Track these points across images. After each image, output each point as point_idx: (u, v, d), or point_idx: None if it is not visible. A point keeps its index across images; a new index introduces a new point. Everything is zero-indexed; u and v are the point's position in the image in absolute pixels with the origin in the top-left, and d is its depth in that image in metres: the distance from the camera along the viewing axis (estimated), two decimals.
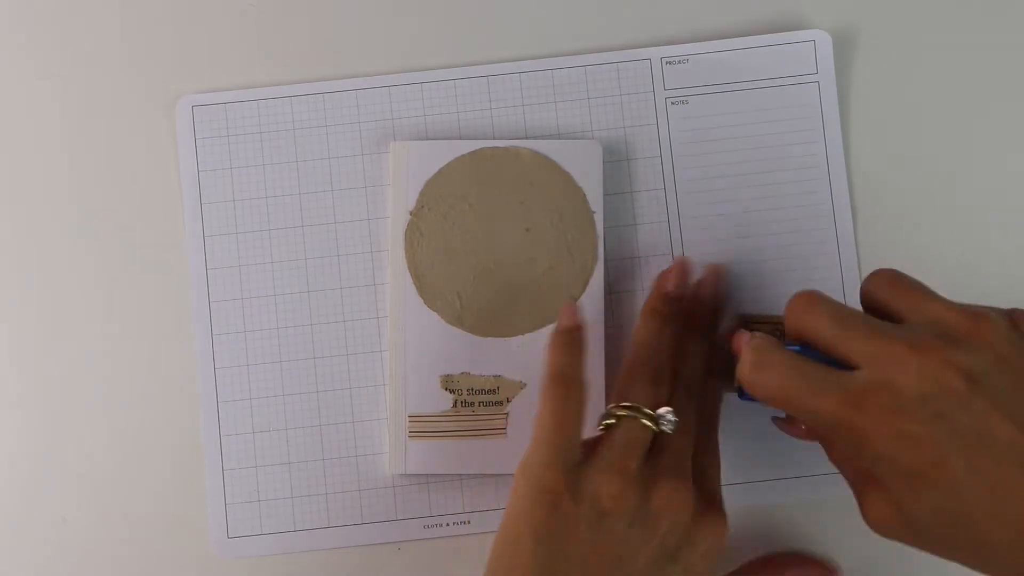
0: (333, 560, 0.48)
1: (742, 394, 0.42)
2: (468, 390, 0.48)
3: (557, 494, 0.39)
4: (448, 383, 0.48)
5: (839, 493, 0.42)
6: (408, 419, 0.48)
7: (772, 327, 0.47)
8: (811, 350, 0.39)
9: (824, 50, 0.50)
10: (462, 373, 0.48)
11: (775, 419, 0.44)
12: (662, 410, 0.41)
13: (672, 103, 0.50)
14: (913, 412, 0.35)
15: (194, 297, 0.49)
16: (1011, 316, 0.37)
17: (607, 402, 0.44)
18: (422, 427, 0.48)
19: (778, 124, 0.50)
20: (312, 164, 0.50)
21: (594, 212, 0.49)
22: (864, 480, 0.38)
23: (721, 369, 0.44)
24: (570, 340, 0.43)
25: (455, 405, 0.48)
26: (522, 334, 0.48)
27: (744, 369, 0.39)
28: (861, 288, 0.41)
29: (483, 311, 0.48)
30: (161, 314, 0.49)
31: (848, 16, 0.51)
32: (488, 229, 0.49)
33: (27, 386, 0.49)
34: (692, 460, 0.42)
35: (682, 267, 0.47)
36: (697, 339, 0.45)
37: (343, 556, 0.48)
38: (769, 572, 0.47)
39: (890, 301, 0.39)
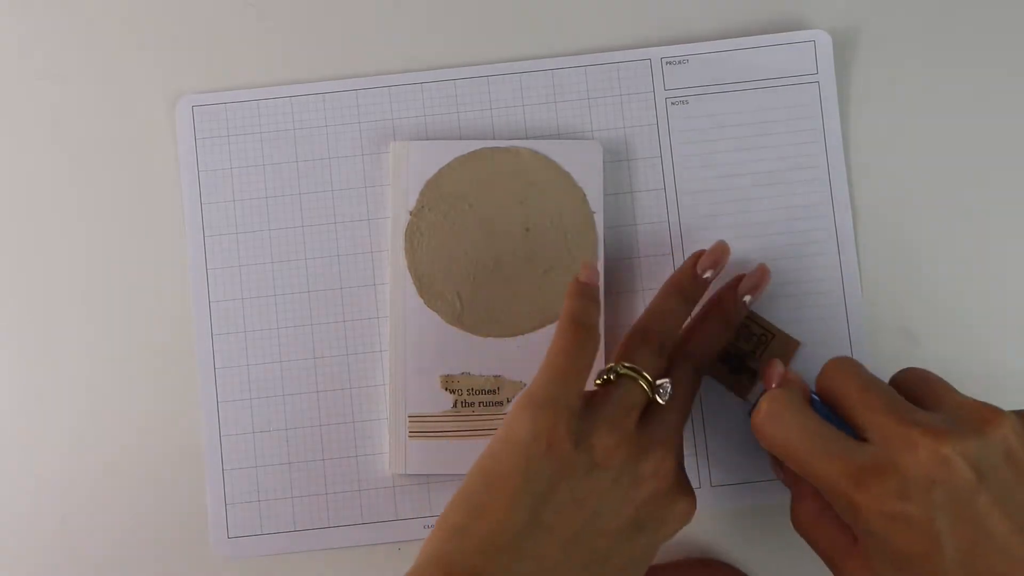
0: (333, 560, 0.48)
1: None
2: (468, 390, 0.48)
3: (556, 435, 0.38)
4: (448, 383, 0.48)
5: None
6: (408, 419, 0.48)
7: (762, 331, 0.47)
8: (833, 412, 0.40)
9: (824, 50, 0.50)
10: (462, 373, 0.48)
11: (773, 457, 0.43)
12: (661, 380, 0.41)
13: (672, 103, 0.50)
14: (916, 496, 0.35)
15: (194, 297, 0.49)
16: (1022, 416, 0.37)
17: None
18: (422, 427, 0.48)
19: (778, 124, 0.50)
20: (312, 164, 0.50)
21: (594, 212, 0.49)
22: (846, 546, 0.39)
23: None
24: (588, 292, 0.43)
25: (455, 405, 0.48)
26: (522, 334, 0.48)
27: (757, 416, 0.40)
28: (890, 379, 0.41)
29: (483, 311, 0.48)
30: (161, 314, 0.49)
31: (848, 16, 0.51)
32: (488, 229, 0.49)
33: (27, 386, 0.49)
34: None
35: (720, 252, 0.46)
36: (718, 323, 0.46)
37: (343, 556, 0.48)
38: (701, 573, 0.47)
39: (912, 392, 0.39)
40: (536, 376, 0.40)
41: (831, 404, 0.40)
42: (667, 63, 0.50)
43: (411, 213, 0.49)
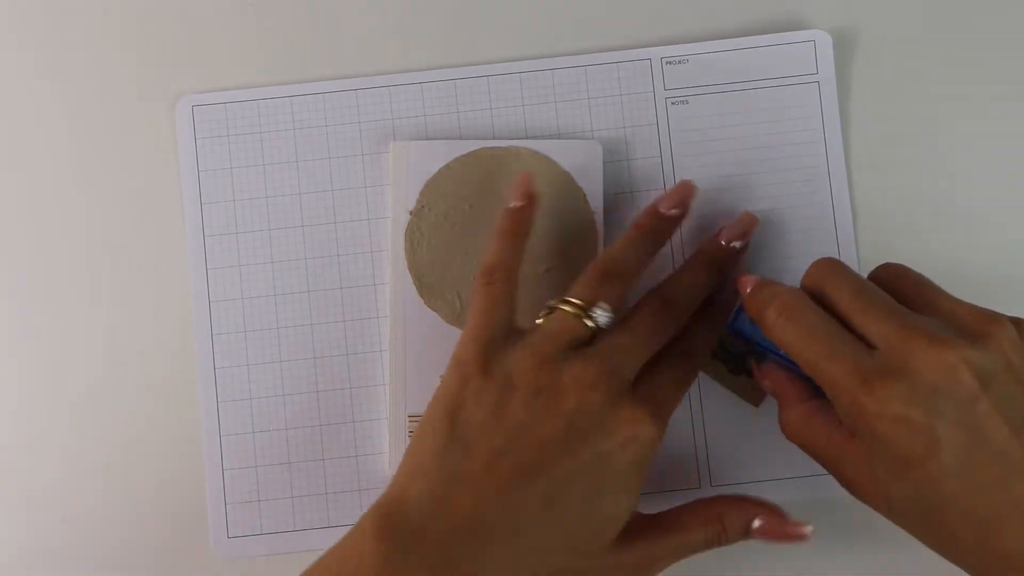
0: None
1: (732, 328, 0.43)
2: None
3: (470, 367, 0.40)
4: None
5: (838, 493, 0.42)
6: (408, 419, 0.48)
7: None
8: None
9: (824, 50, 0.50)
10: None
11: (754, 363, 0.45)
12: (598, 305, 0.41)
13: (672, 103, 0.50)
14: (920, 402, 0.36)
15: (194, 297, 0.49)
16: (1019, 325, 0.38)
17: None
18: None
19: (778, 124, 0.50)
20: (312, 164, 0.50)
21: (594, 212, 0.49)
22: (842, 443, 0.39)
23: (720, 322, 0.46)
24: (512, 226, 0.44)
25: None
26: None
27: (771, 311, 0.40)
28: (869, 277, 0.41)
29: None
30: (161, 314, 0.49)
31: (848, 16, 0.51)
32: (488, 229, 0.49)
33: (26, 386, 0.49)
34: (649, 371, 0.41)
35: (682, 190, 0.46)
36: (698, 264, 0.45)
37: None
38: (712, 509, 0.42)
39: (900, 292, 0.40)
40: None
41: (823, 304, 0.40)
42: (667, 63, 0.50)
43: (411, 213, 0.49)
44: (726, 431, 0.48)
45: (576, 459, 0.38)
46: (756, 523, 0.42)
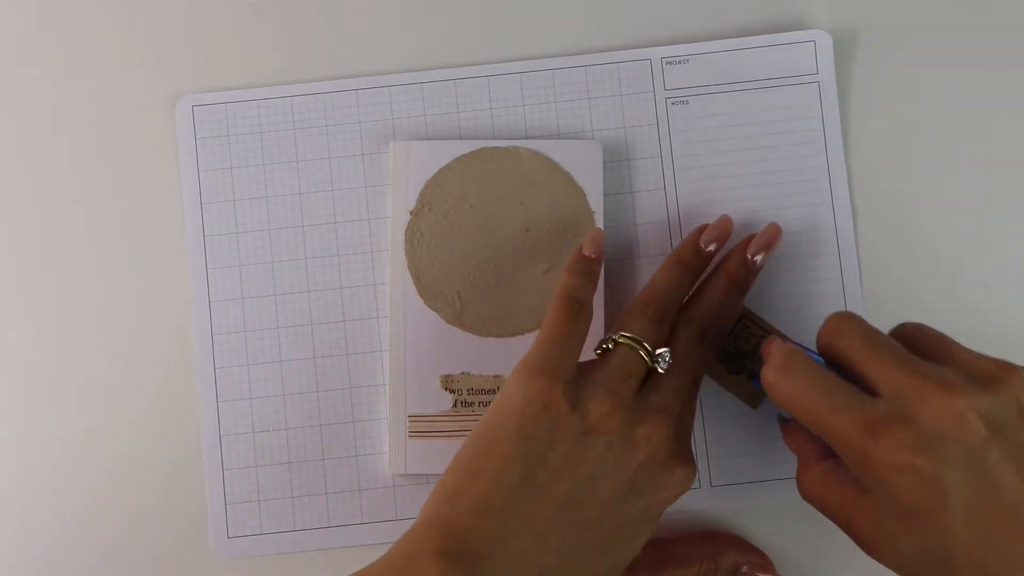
0: (333, 560, 0.48)
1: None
2: (468, 390, 0.48)
3: (552, 398, 0.39)
4: (448, 383, 0.48)
5: None
6: (408, 419, 0.48)
7: (762, 332, 0.47)
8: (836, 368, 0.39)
9: (824, 50, 0.50)
10: (462, 373, 0.48)
11: (780, 419, 0.44)
12: (660, 349, 0.42)
13: (672, 103, 0.50)
14: (927, 450, 0.35)
15: (194, 297, 0.49)
16: None
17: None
18: (422, 427, 0.48)
19: (778, 124, 0.50)
20: (312, 164, 0.50)
21: (594, 212, 0.49)
22: (854, 500, 0.38)
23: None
24: (586, 269, 0.44)
25: (455, 405, 0.48)
26: (522, 334, 0.48)
27: (770, 372, 0.40)
28: (889, 334, 0.41)
29: (483, 311, 0.48)
30: (161, 314, 0.49)
31: (848, 16, 0.51)
32: (488, 229, 0.49)
33: (27, 386, 0.49)
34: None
35: (723, 226, 0.47)
36: (723, 285, 0.45)
37: (343, 556, 0.48)
38: (709, 546, 0.47)
39: (917, 347, 0.39)
40: (531, 347, 0.41)
41: (834, 359, 0.39)
42: (667, 63, 0.50)
43: (411, 213, 0.49)
44: (726, 431, 0.48)
45: (629, 511, 0.40)
46: (745, 568, 0.46)
